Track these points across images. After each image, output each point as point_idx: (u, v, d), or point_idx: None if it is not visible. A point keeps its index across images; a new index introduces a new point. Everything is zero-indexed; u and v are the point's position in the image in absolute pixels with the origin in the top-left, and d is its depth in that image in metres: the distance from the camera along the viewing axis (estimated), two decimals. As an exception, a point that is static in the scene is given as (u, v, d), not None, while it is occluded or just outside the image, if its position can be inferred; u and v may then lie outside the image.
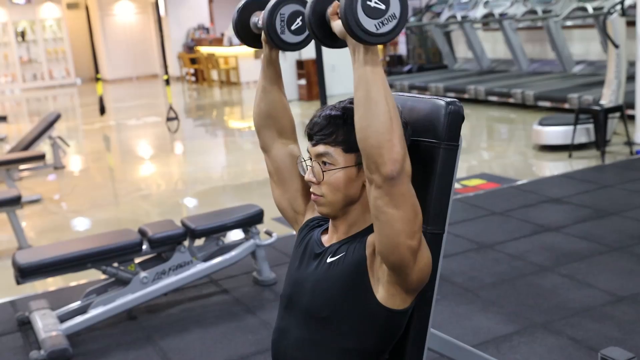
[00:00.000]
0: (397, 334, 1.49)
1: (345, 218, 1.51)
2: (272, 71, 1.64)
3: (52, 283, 4.24)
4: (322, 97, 4.68)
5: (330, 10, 1.34)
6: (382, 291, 1.43)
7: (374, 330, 1.45)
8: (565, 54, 10.38)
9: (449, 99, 1.52)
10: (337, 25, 1.32)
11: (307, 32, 1.56)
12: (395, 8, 1.27)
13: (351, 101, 1.49)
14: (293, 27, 1.54)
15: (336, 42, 1.39)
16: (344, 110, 1.47)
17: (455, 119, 1.50)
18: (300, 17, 1.54)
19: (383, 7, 1.26)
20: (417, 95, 1.62)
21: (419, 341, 1.60)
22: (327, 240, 1.56)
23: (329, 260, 1.49)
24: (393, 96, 1.42)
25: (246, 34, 1.65)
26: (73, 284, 4.14)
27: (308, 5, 1.36)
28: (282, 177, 1.68)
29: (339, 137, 1.45)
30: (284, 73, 1.65)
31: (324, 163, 1.47)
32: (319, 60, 4.61)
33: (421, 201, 1.42)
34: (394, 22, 1.28)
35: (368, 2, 1.25)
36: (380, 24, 1.27)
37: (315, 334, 1.48)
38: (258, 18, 1.61)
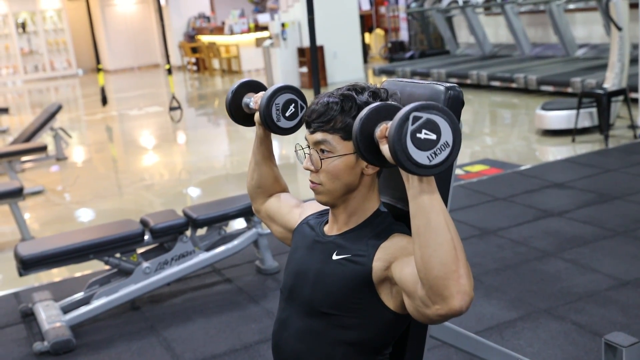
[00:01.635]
0: (401, 330, 1.47)
1: (344, 207, 1.49)
2: (265, 148, 1.72)
3: (55, 274, 4.24)
4: (316, 86, 4.65)
5: (377, 133, 1.26)
6: (393, 302, 1.40)
7: (378, 326, 1.43)
8: (568, 37, 10.32)
9: (448, 84, 1.50)
10: (386, 150, 1.23)
11: (299, 117, 1.64)
12: (447, 136, 1.19)
13: (349, 88, 1.46)
14: (287, 114, 1.63)
15: (385, 162, 1.29)
16: (342, 97, 1.45)
17: (455, 104, 1.48)
18: (293, 104, 1.63)
19: (434, 137, 1.18)
20: (416, 81, 1.59)
21: (421, 329, 1.59)
22: (327, 230, 1.54)
23: (334, 257, 1.46)
24: (390, 86, 1.40)
25: (239, 114, 1.75)
26: (76, 275, 4.15)
27: (356, 124, 1.29)
28: (276, 218, 1.74)
29: (337, 124, 1.43)
30: (285, 61, 1.66)
31: (322, 151, 1.45)
32: (313, 50, 4.57)
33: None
34: (447, 150, 1.19)
35: (418, 135, 1.17)
36: (433, 155, 1.18)
37: (316, 326, 1.46)
38: (250, 99, 1.71)
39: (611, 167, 5.44)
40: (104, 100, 9.67)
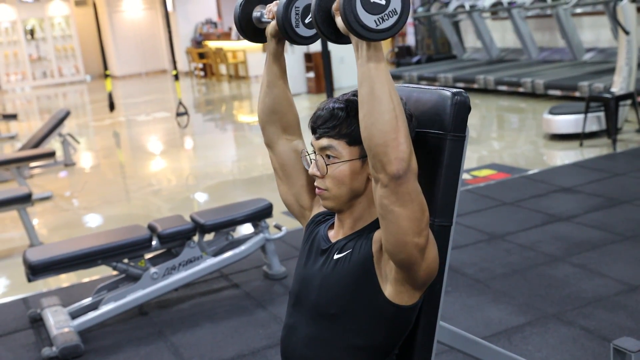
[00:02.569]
0: (407, 329, 1.48)
1: (350, 212, 1.50)
2: (278, 66, 1.63)
3: (64, 280, 4.26)
4: (329, 90, 4.66)
5: (334, 5, 1.31)
6: (390, 288, 1.41)
7: (383, 326, 1.43)
8: (575, 41, 10.29)
9: (454, 90, 1.50)
10: (340, 21, 1.29)
11: None
12: (396, 3, 1.24)
13: (354, 93, 1.47)
14: (307, 21, 1.52)
15: (341, 38, 1.36)
16: (347, 103, 1.46)
17: (462, 110, 1.48)
18: None
19: (383, 2, 1.23)
20: (423, 87, 1.60)
21: (429, 334, 1.58)
22: (333, 235, 1.54)
23: (335, 257, 1.48)
24: (398, 92, 1.40)
25: (249, 29, 1.64)
26: (84, 280, 4.16)
27: (314, 0, 1.33)
28: (288, 173, 1.66)
29: (343, 130, 1.44)
30: (292, 66, 1.65)
31: (328, 156, 1.46)
32: (325, 54, 4.58)
33: (428, 193, 1.40)
34: (395, 17, 1.24)
35: None
36: (380, 20, 1.23)
37: (324, 331, 1.46)
38: (261, 12, 1.60)
39: (619, 172, 5.42)
40: (112, 106, 9.70)
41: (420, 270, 1.37)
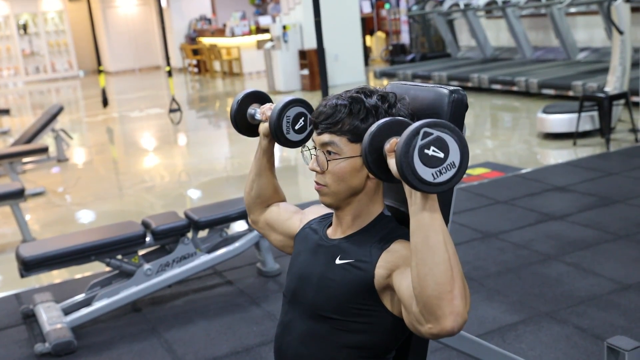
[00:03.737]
0: (405, 333, 1.47)
1: (349, 209, 1.49)
2: (267, 160, 1.71)
3: (56, 276, 4.24)
4: (323, 88, 4.65)
5: (387, 147, 1.26)
6: (396, 308, 1.40)
7: (382, 330, 1.42)
8: (569, 41, 10.32)
9: (452, 87, 1.50)
10: (393, 164, 1.23)
11: (307, 131, 1.62)
12: (455, 157, 1.19)
13: (358, 90, 1.46)
14: (297, 127, 1.61)
15: (393, 178, 1.29)
16: (350, 100, 1.45)
17: (459, 108, 1.48)
18: (303, 118, 1.61)
19: (442, 155, 1.18)
20: (420, 84, 1.59)
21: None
22: (331, 233, 1.53)
23: (337, 262, 1.46)
24: (394, 89, 1.39)
25: (243, 124, 1.75)
26: (77, 276, 4.14)
27: (366, 137, 1.28)
28: (275, 227, 1.72)
29: (345, 126, 1.43)
30: (286, 63, 1.65)
31: (329, 152, 1.45)
32: (320, 51, 4.57)
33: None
34: (453, 170, 1.19)
35: (426, 150, 1.17)
36: (438, 173, 1.18)
37: (320, 329, 1.45)
38: (255, 110, 1.71)
39: (613, 171, 5.44)
40: (105, 102, 9.69)
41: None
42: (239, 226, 4.54)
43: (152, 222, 3.67)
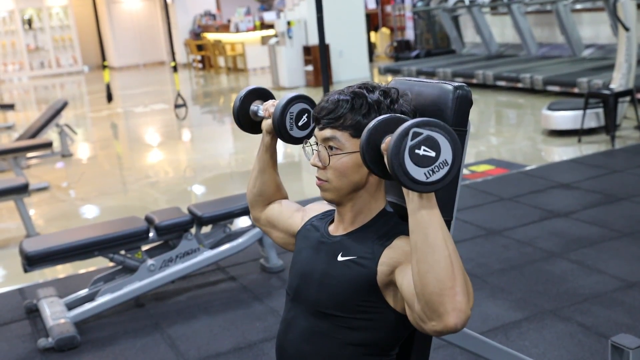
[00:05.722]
0: (408, 330, 1.46)
1: (351, 205, 1.48)
2: (269, 157, 1.70)
3: (60, 271, 4.25)
4: (327, 84, 4.64)
5: (383, 146, 1.26)
6: (399, 305, 1.40)
7: (385, 327, 1.42)
8: (575, 37, 10.28)
9: (456, 84, 1.49)
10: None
11: (311, 127, 1.61)
12: (447, 155, 1.19)
13: (360, 86, 1.45)
14: (300, 123, 1.61)
15: (391, 176, 1.29)
16: (353, 95, 1.44)
17: (463, 104, 1.47)
18: (307, 114, 1.61)
19: (433, 154, 1.18)
20: (425, 80, 1.58)
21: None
22: (333, 229, 1.53)
23: (340, 259, 1.45)
24: (398, 85, 1.38)
25: (246, 121, 1.75)
26: (81, 271, 4.15)
27: (363, 134, 1.28)
28: (277, 224, 1.71)
29: (347, 121, 1.42)
30: (291, 59, 1.65)
31: (331, 147, 1.44)
32: (322, 48, 4.56)
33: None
34: (446, 169, 1.19)
35: (417, 150, 1.17)
36: (431, 172, 1.18)
37: (323, 326, 1.45)
38: (258, 107, 1.71)
39: (617, 168, 5.42)
40: (110, 97, 9.67)
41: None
42: (243, 222, 4.54)
43: (156, 218, 3.67)
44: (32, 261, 3.30)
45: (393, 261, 1.37)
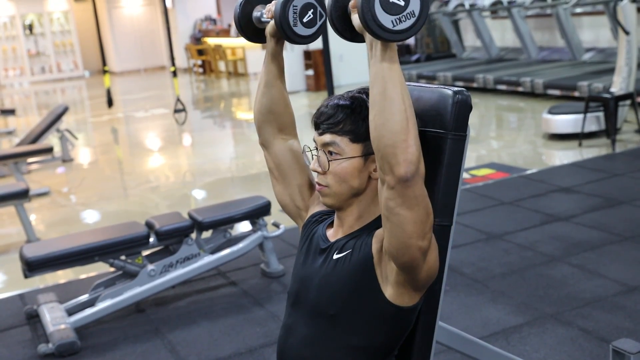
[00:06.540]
0: (406, 330, 1.47)
1: (350, 210, 1.48)
2: (276, 66, 1.62)
3: (60, 276, 4.24)
4: (328, 88, 4.65)
5: (351, 3, 1.31)
6: (390, 289, 1.40)
7: (383, 327, 1.42)
8: (575, 41, 10.29)
9: (456, 88, 1.49)
10: (356, 19, 1.28)
11: (318, 25, 1.53)
12: (414, 5, 1.23)
13: (360, 91, 1.46)
14: (305, 20, 1.51)
15: (356, 36, 1.36)
16: (352, 100, 1.44)
17: (463, 109, 1.47)
18: (312, 10, 1.52)
19: (402, 3, 1.22)
20: (424, 85, 1.58)
21: (428, 334, 1.57)
22: (332, 234, 1.53)
23: (335, 256, 1.46)
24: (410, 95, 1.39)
25: (249, 29, 1.63)
26: (81, 277, 4.14)
27: None
28: (284, 173, 1.65)
29: (347, 126, 1.43)
30: (291, 64, 1.63)
31: (330, 153, 1.44)
32: (326, 51, 4.57)
33: (429, 193, 1.39)
34: (412, 20, 1.23)
35: None
36: (398, 21, 1.22)
37: (323, 331, 1.45)
38: (261, 12, 1.59)
39: (618, 172, 5.41)
40: (110, 102, 9.68)
41: (421, 272, 1.36)
42: (243, 227, 4.53)
43: (156, 223, 3.66)
44: (32, 267, 3.30)
45: (380, 236, 1.41)
